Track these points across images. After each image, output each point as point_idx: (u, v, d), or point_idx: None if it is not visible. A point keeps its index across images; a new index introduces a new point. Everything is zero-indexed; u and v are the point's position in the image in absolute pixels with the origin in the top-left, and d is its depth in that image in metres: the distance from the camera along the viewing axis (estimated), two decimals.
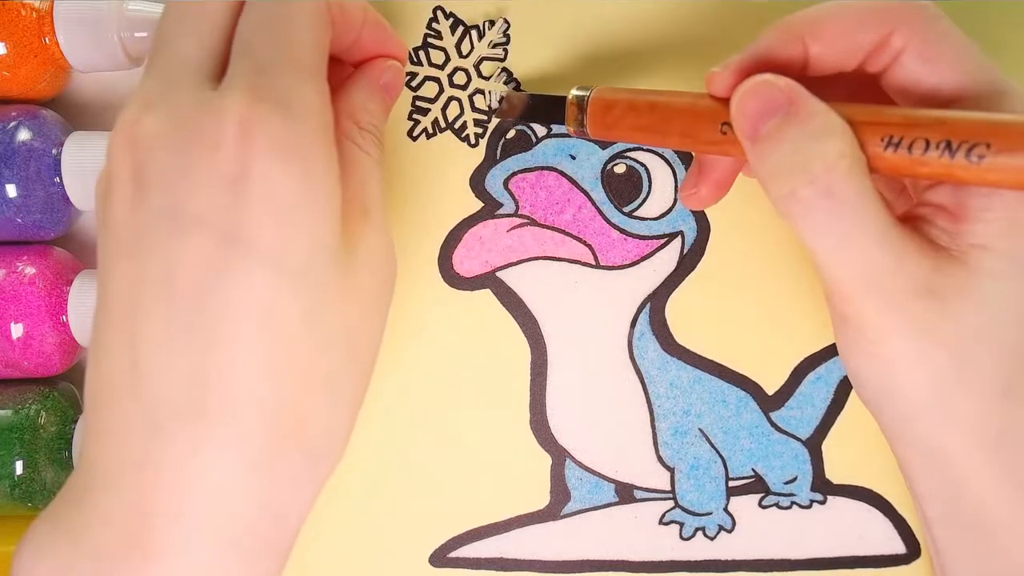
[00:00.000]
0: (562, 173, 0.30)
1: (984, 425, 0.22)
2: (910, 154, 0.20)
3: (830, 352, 0.30)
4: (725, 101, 0.23)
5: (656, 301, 0.30)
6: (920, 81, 0.22)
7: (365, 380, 0.23)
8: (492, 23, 0.30)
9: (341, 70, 0.26)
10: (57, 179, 0.28)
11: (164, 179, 0.20)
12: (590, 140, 0.28)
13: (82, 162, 0.28)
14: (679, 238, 0.30)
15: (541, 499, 0.30)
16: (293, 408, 0.21)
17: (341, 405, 0.22)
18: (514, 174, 0.30)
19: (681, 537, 0.30)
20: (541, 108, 0.28)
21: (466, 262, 0.30)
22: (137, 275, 0.20)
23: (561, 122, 0.26)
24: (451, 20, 0.30)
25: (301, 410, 0.21)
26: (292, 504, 0.22)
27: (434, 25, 0.30)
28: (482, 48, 0.30)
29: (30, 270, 0.28)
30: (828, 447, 0.30)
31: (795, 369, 0.30)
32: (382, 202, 0.24)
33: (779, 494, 0.30)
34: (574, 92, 0.26)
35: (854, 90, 0.24)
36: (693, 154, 0.28)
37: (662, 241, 0.30)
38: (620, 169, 0.30)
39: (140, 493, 0.20)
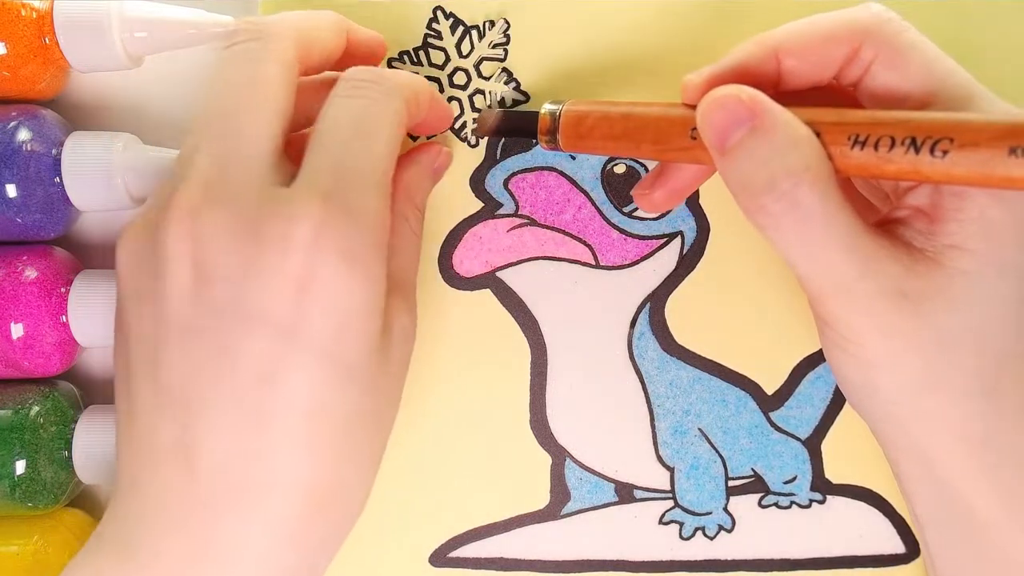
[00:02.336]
0: (562, 173, 0.30)
1: (967, 426, 0.22)
2: (876, 152, 0.21)
3: None
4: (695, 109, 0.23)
5: (656, 301, 0.30)
6: (892, 90, 0.23)
7: (386, 438, 0.24)
8: (492, 23, 0.30)
9: None
10: (57, 179, 0.28)
11: (232, 275, 0.21)
12: (559, 151, 0.28)
13: (82, 162, 0.28)
14: (679, 238, 0.30)
15: (541, 499, 0.30)
16: (327, 484, 0.22)
17: (367, 470, 0.24)
18: (514, 174, 0.30)
19: (681, 537, 0.30)
20: (514, 124, 0.28)
21: (466, 262, 0.30)
22: (197, 360, 0.21)
23: (534, 136, 0.27)
24: (451, 20, 0.30)
25: (334, 485, 0.22)
26: (320, 562, 0.23)
27: (434, 25, 0.30)
28: (482, 48, 0.30)
29: (30, 270, 0.28)
30: (827, 447, 0.30)
31: (794, 369, 0.30)
32: (415, 278, 0.26)
33: (779, 494, 0.30)
34: (546, 106, 0.26)
35: (830, 102, 0.24)
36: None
37: (662, 241, 0.30)
38: (620, 169, 0.30)
39: (182, 557, 0.21)
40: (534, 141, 0.29)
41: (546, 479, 0.30)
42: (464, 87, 0.30)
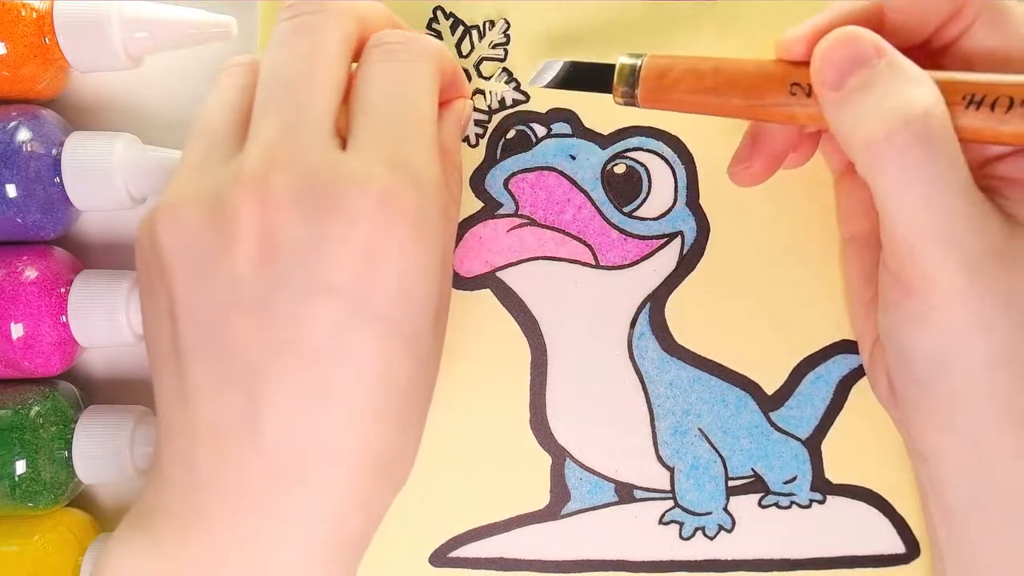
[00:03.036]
0: (562, 173, 0.30)
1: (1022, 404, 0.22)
2: (992, 112, 0.20)
3: (830, 352, 0.30)
4: (795, 64, 0.23)
5: (656, 301, 0.30)
6: (991, 50, 0.22)
7: (428, 408, 0.25)
8: (492, 23, 0.30)
9: None
10: (57, 179, 0.28)
11: (300, 246, 0.21)
12: (634, 106, 0.26)
13: (82, 162, 0.28)
14: (679, 238, 0.30)
15: (541, 499, 0.30)
16: (391, 450, 0.22)
17: (418, 438, 0.24)
18: (514, 174, 0.30)
19: (681, 537, 0.30)
20: (583, 76, 0.26)
21: (466, 262, 0.30)
22: (264, 334, 0.21)
23: (605, 91, 0.26)
24: (451, 20, 0.30)
25: (396, 451, 0.23)
26: (377, 524, 0.24)
27: (434, 25, 0.30)
28: (482, 48, 0.30)
29: (30, 270, 0.28)
30: (828, 447, 0.30)
31: (795, 369, 0.30)
32: (454, 241, 0.26)
33: (779, 494, 0.30)
34: (623, 59, 0.25)
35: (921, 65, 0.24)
36: (746, 125, 0.28)
37: (662, 241, 0.30)
38: (620, 169, 0.30)
39: (257, 529, 0.21)
40: (547, 132, 0.29)
41: (546, 479, 0.30)
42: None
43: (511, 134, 0.30)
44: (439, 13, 0.30)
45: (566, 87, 0.27)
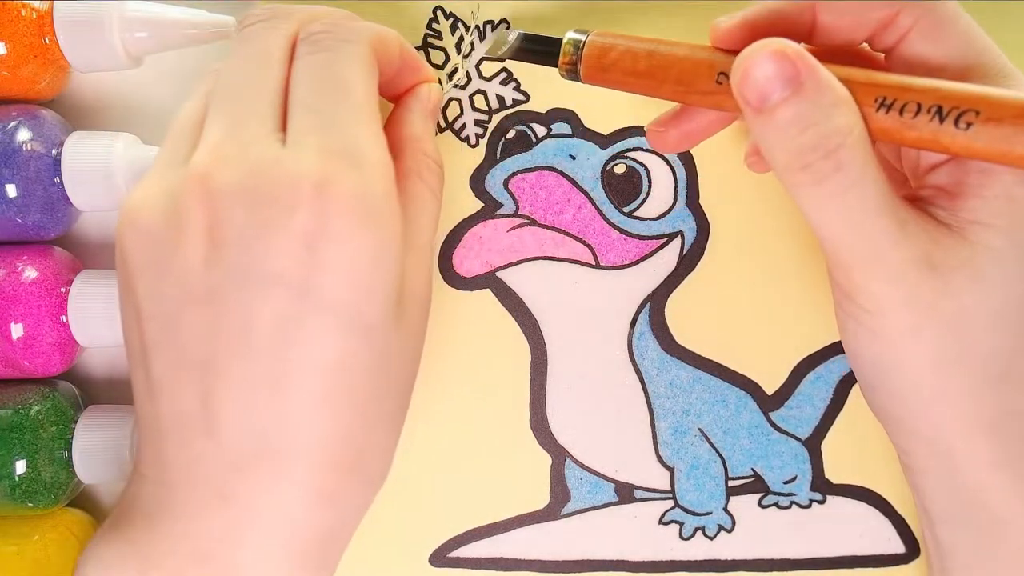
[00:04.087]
0: (562, 173, 0.30)
1: (979, 409, 0.22)
2: (900, 117, 0.21)
3: (830, 352, 0.30)
4: (725, 52, 0.23)
5: (656, 301, 0.30)
6: (926, 60, 0.22)
7: (407, 405, 0.24)
8: (492, 23, 0.30)
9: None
10: (57, 179, 0.28)
11: (242, 237, 0.21)
12: (578, 81, 0.26)
13: (82, 162, 0.28)
14: (679, 238, 0.30)
15: (541, 499, 0.30)
16: (355, 444, 0.22)
17: (391, 435, 0.24)
18: (514, 174, 0.30)
19: (681, 537, 0.30)
20: (533, 49, 0.27)
21: (466, 262, 0.30)
22: (214, 326, 0.21)
23: (553, 64, 0.26)
24: (451, 20, 0.30)
25: (361, 445, 0.22)
26: (350, 522, 0.23)
27: (434, 25, 0.30)
28: (482, 48, 0.30)
29: (30, 270, 0.28)
30: (828, 447, 0.30)
31: (795, 369, 0.30)
32: (433, 236, 0.25)
33: (779, 494, 0.30)
34: (570, 34, 0.25)
35: (858, 65, 0.24)
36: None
37: (662, 241, 0.30)
38: (620, 169, 0.30)
39: (222, 523, 0.21)
40: (547, 132, 0.29)
41: (546, 479, 0.30)
42: (464, 87, 0.30)
43: (511, 134, 0.30)
44: (439, 13, 0.30)
45: (520, 58, 0.27)
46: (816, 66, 0.21)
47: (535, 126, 0.30)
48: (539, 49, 0.26)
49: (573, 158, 0.30)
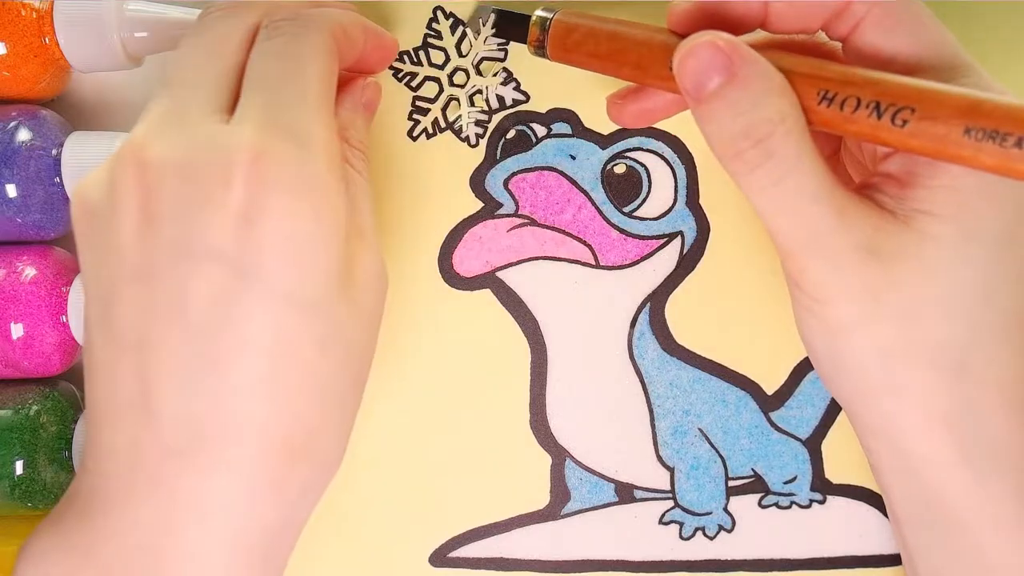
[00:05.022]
0: (562, 173, 0.30)
1: (937, 403, 0.22)
2: (841, 111, 0.21)
3: None
4: (681, 36, 0.23)
5: (656, 301, 0.30)
6: (879, 50, 0.22)
7: (361, 392, 0.24)
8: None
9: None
10: (57, 179, 0.28)
11: (176, 210, 0.20)
12: (547, 59, 0.26)
13: (82, 162, 0.28)
14: (679, 238, 0.30)
15: (541, 499, 0.30)
16: (302, 428, 0.21)
17: (343, 418, 0.23)
18: (514, 174, 0.30)
19: (681, 537, 0.30)
20: (507, 24, 0.27)
21: (466, 262, 0.30)
22: (148, 303, 0.20)
23: (524, 41, 0.26)
24: (451, 20, 0.30)
25: (309, 429, 0.21)
26: (300, 512, 0.22)
27: (434, 25, 0.30)
28: (481, 47, 0.30)
29: (30, 270, 0.28)
30: (828, 447, 0.30)
31: (795, 369, 0.30)
32: (373, 220, 0.24)
33: (779, 494, 0.30)
34: (538, 13, 0.26)
35: (814, 54, 0.24)
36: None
37: (662, 241, 0.30)
38: (620, 169, 0.30)
39: (156, 513, 0.20)
40: (547, 132, 0.29)
41: (546, 479, 0.30)
42: (464, 87, 0.30)
43: (511, 134, 0.30)
44: (439, 13, 0.30)
45: (498, 35, 0.28)
46: (750, 56, 0.21)
47: (535, 126, 0.30)
48: (510, 26, 0.27)
49: (573, 158, 0.30)
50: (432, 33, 0.30)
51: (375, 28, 0.26)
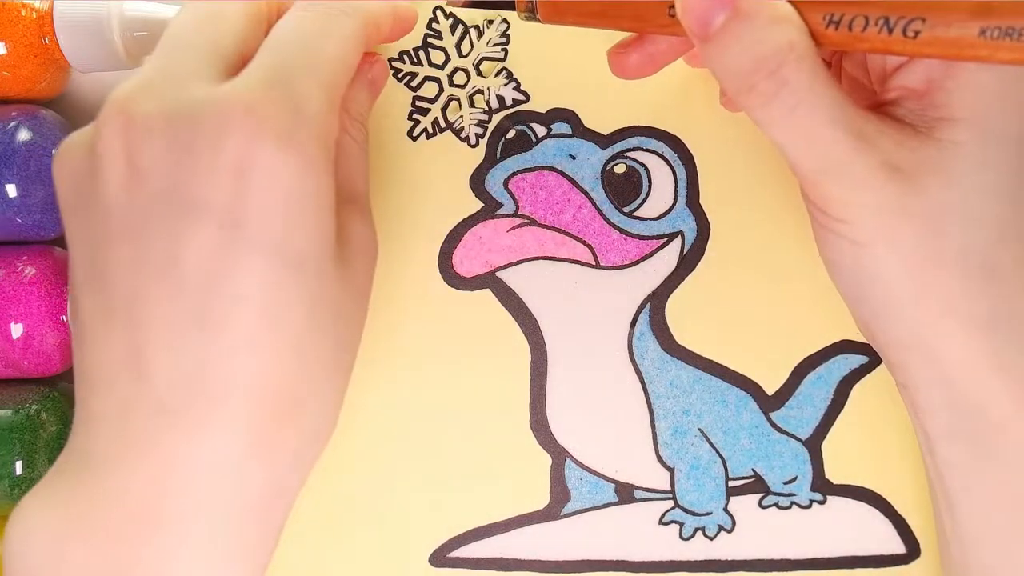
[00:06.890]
0: (562, 173, 0.30)
1: (970, 307, 0.22)
2: (850, 31, 0.21)
3: (830, 352, 0.30)
4: None
5: (656, 301, 0.30)
6: None
7: (352, 361, 0.24)
8: (491, 23, 0.30)
9: None
10: None
11: (164, 163, 0.20)
12: (538, 22, 0.26)
13: None
14: (679, 238, 0.30)
15: (541, 499, 0.30)
16: (292, 391, 0.21)
17: (334, 386, 0.23)
18: (514, 174, 0.30)
19: (681, 537, 0.30)
20: None
21: (466, 262, 0.30)
22: (138, 260, 0.20)
23: (512, 8, 0.26)
24: (451, 20, 0.30)
25: (300, 393, 0.21)
26: (291, 480, 0.22)
27: (434, 25, 0.30)
28: (482, 48, 0.30)
29: (30, 270, 0.28)
30: (828, 447, 0.30)
31: (795, 369, 0.30)
32: (367, 190, 0.24)
33: (779, 494, 0.30)
34: None
35: None
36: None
37: (662, 241, 0.30)
38: (620, 169, 0.30)
39: (147, 472, 0.20)
40: (547, 132, 0.29)
41: (546, 479, 0.30)
42: (464, 87, 0.30)
43: (511, 134, 0.30)
44: (439, 13, 0.30)
45: (476, 5, 0.27)
46: None
47: (535, 126, 0.30)
48: None
49: (573, 158, 0.30)
50: (432, 33, 0.30)
51: (403, 13, 0.26)
